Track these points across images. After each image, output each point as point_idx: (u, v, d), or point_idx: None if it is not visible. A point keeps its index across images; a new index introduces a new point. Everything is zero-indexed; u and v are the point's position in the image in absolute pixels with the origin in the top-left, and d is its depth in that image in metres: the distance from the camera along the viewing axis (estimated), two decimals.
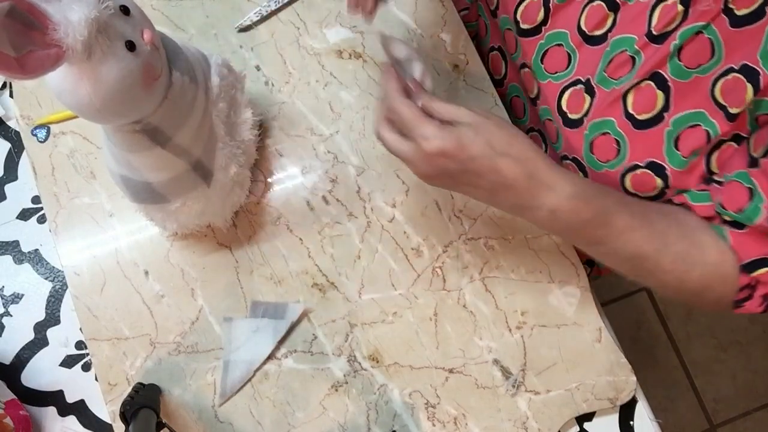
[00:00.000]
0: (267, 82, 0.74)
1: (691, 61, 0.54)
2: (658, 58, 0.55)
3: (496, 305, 0.68)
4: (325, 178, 0.71)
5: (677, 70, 0.55)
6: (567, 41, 0.63)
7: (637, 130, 0.57)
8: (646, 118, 0.57)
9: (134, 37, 0.44)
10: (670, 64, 0.55)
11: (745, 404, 1.60)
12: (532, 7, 0.65)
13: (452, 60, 0.74)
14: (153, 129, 0.51)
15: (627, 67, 0.58)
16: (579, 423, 0.66)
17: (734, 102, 0.52)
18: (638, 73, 0.56)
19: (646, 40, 0.56)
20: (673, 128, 0.56)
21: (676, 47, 0.54)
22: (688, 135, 0.55)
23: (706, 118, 0.54)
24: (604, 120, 0.59)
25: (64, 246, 0.70)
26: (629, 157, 0.58)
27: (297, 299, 0.68)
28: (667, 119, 0.56)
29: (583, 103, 0.61)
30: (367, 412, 0.66)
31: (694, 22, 0.53)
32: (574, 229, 0.54)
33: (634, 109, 0.57)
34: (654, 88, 0.56)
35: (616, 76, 0.58)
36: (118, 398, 0.66)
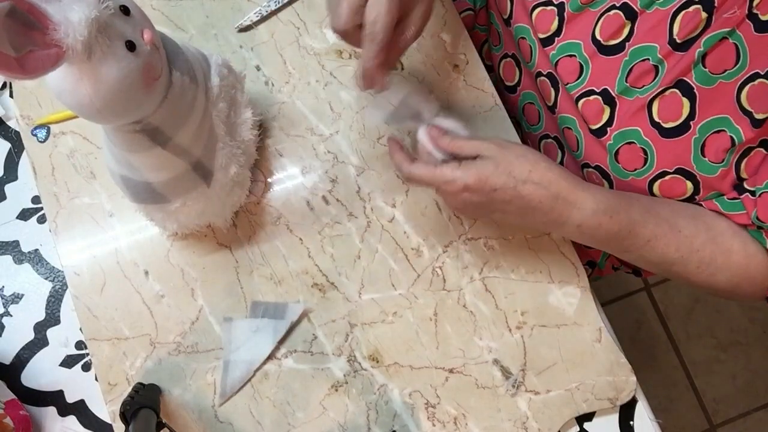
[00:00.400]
0: (267, 82, 0.74)
1: (716, 66, 0.54)
2: (682, 66, 0.55)
3: (496, 305, 0.68)
4: (325, 178, 0.71)
5: (702, 77, 0.55)
6: (580, 51, 0.62)
7: (664, 138, 0.57)
8: (672, 126, 0.57)
9: (134, 37, 0.44)
10: (695, 71, 0.55)
11: (745, 404, 1.60)
12: (546, 15, 0.65)
13: (452, 60, 0.74)
14: (153, 129, 0.51)
15: (650, 76, 0.57)
16: (579, 423, 0.66)
17: (761, 107, 0.52)
18: (663, 81, 0.56)
19: (669, 48, 0.56)
20: (700, 135, 0.56)
21: (700, 54, 0.54)
22: (713, 141, 0.55)
23: (730, 123, 0.54)
24: (629, 130, 0.59)
25: (64, 246, 0.70)
26: (657, 165, 0.59)
27: (297, 299, 0.68)
28: (694, 127, 0.56)
29: (602, 113, 0.61)
30: (367, 412, 0.66)
31: (719, 28, 0.53)
32: (601, 241, 0.57)
33: (660, 117, 0.57)
34: (679, 95, 0.56)
35: (640, 85, 0.58)
36: (118, 398, 0.66)
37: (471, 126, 0.72)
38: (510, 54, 0.76)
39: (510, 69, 0.77)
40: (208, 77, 0.57)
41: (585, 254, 0.83)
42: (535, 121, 0.75)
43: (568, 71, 0.64)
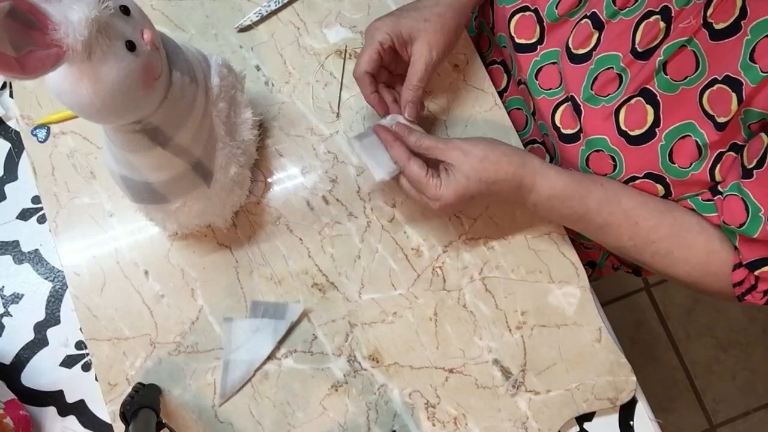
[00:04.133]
0: (267, 82, 0.74)
1: (677, 73, 0.56)
2: (645, 74, 0.57)
3: (496, 305, 0.68)
4: (325, 178, 0.71)
5: (665, 84, 0.56)
6: (559, 59, 0.65)
7: (631, 146, 0.59)
8: (638, 133, 0.59)
9: (134, 37, 0.44)
10: (657, 79, 0.57)
11: (745, 404, 1.60)
12: (524, 22, 0.67)
13: (452, 60, 0.74)
14: (153, 129, 0.51)
15: (615, 84, 0.60)
16: (579, 423, 0.66)
17: (721, 111, 0.53)
18: (627, 89, 0.58)
19: (631, 57, 0.58)
20: (666, 142, 0.58)
21: (661, 63, 0.56)
22: (680, 147, 0.57)
23: (695, 128, 0.56)
24: (597, 138, 0.61)
25: (64, 246, 0.70)
26: (626, 170, 0.60)
27: (297, 299, 0.68)
28: (660, 134, 0.58)
29: (575, 120, 0.63)
30: (367, 412, 0.66)
31: (677, 37, 0.55)
32: (555, 219, 0.65)
33: (627, 126, 0.59)
34: (644, 103, 0.58)
35: (605, 94, 0.60)
36: (118, 398, 0.66)
37: (470, 125, 0.72)
38: (498, 60, 0.77)
39: (498, 75, 0.78)
40: (208, 77, 0.57)
41: (585, 254, 0.83)
42: (521, 127, 0.76)
43: (550, 77, 0.66)
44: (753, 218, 0.53)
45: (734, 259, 0.57)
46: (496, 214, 0.70)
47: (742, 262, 0.56)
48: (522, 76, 0.69)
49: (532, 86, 0.68)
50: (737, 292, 0.57)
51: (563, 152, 0.66)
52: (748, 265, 0.55)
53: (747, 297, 0.57)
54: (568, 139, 0.64)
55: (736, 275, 0.57)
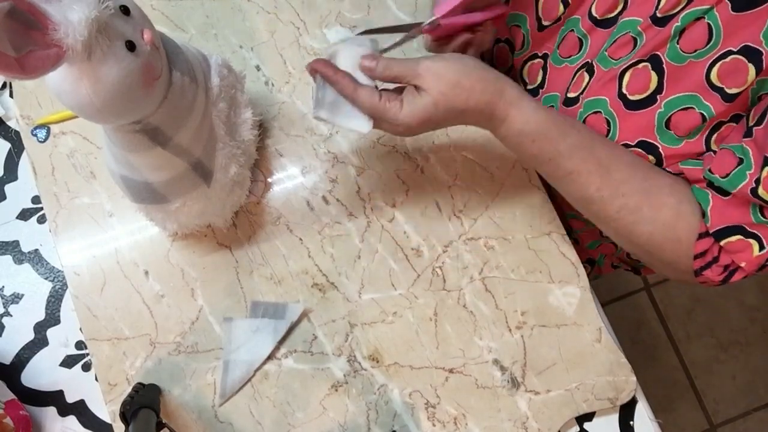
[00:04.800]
0: (267, 82, 0.74)
1: (688, 45, 0.54)
2: (658, 40, 0.56)
3: (496, 305, 0.68)
4: (325, 178, 0.71)
5: (674, 54, 0.55)
6: (578, 27, 0.64)
7: (627, 110, 0.58)
8: (638, 98, 0.58)
9: (134, 37, 0.44)
10: (669, 47, 0.55)
11: (745, 404, 1.60)
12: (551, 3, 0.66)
13: None
14: (153, 129, 0.51)
15: (628, 48, 0.58)
16: (579, 423, 0.66)
17: (734, 83, 0.52)
18: (638, 53, 0.57)
19: (649, 22, 0.57)
20: (665, 110, 0.56)
21: (677, 30, 0.54)
22: (680, 117, 0.56)
23: (700, 101, 0.54)
24: (597, 99, 0.60)
25: (64, 246, 0.70)
26: (619, 136, 0.59)
27: (297, 299, 0.68)
28: (660, 101, 0.56)
29: (582, 82, 0.62)
30: (367, 412, 0.66)
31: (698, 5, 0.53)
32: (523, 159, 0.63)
33: (628, 90, 0.58)
34: (650, 69, 0.57)
35: (617, 57, 0.59)
36: (118, 398, 0.66)
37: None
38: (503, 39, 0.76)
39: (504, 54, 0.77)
40: (208, 77, 0.57)
41: (583, 252, 0.83)
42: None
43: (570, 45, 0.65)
44: (739, 173, 0.52)
45: (700, 227, 0.55)
46: (496, 214, 0.70)
47: (708, 231, 0.54)
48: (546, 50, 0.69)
49: (554, 57, 0.67)
50: (696, 265, 0.55)
51: None
52: (715, 234, 0.53)
53: (705, 272, 0.55)
54: (569, 103, 0.63)
55: (699, 245, 0.55)
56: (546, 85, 0.69)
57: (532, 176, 0.71)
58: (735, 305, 1.65)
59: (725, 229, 0.53)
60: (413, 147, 0.72)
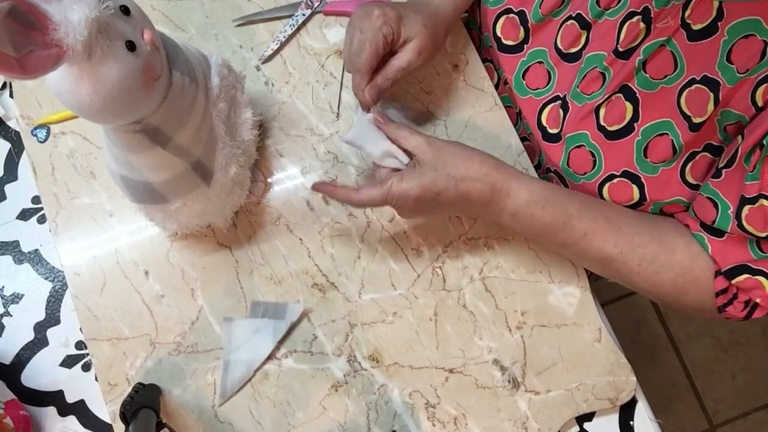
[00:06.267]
0: (267, 82, 0.74)
1: (657, 72, 0.56)
2: (625, 73, 0.57)
3: (496, 305, 0.68)
4: (325, 178, 0.71)
5: (644, 82, 0.57)
6: (546, 59, 0.65)
7: (609, 141, 0.59)
8: (617, 128, 0.59)
9: (134, 37, 0.44)
10: (637, 77, 0.57)
11: (745, 404, 1.60)
12: (510, 24, 0.67)
13: (452, 60, 0.74)
14: (153, 129, 0.51)
15: (598, 83, 0.60)
16: (579, 423, 0.66)
17: (698, 112, 0.54)
18: (608, 87, 0.59)
19: (613, 56, 0.58)
20: (642, 138, 0.58)
21: (640, 62, 0.56)
22: (656, 144, 0.57)
23: (672, 127, 0.56)
24: (578, 134, 0.61)
25: (64, 246, 0.70)
26: (605, 167, 0.60)
27: (297, 299, 0.68)
28: (637, 129, 0.58)
29: (559, 118, 0.63)
30: (367, 412, 0.66)
31: (656, 37, 0.55)
32: (537, 232, 0.59)
33: (606, 122, 0.59)
34: (623, 100, 0.58)
35: (589, 92, 0.61)
36: (118, 398, 0.66)
37: (470, 125, 0.72)
38: (489, 59, 0.77)
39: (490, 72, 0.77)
40: (208, 77, 0.57)
41: None
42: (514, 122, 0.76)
43: (538, 77, 0.66)
44: (722, 215, 0.53)
45: (714, 265, 0.55)
46: None
47: (721, 269, 0.55)
48: (507, 77, 0.70)
49: (518, 87, 0.68)
50: (719, 303, 0.56)
51: (547, 151, 0.66)
52: (725, 273, 0.54)
53: (728, 308, 0.55)
54: (551, 139, 0.64)
55: (717, 283, 0.55)
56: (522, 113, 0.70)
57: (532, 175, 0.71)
58: None
59: (732, 270, 0.54)
60: None
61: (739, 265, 0.54)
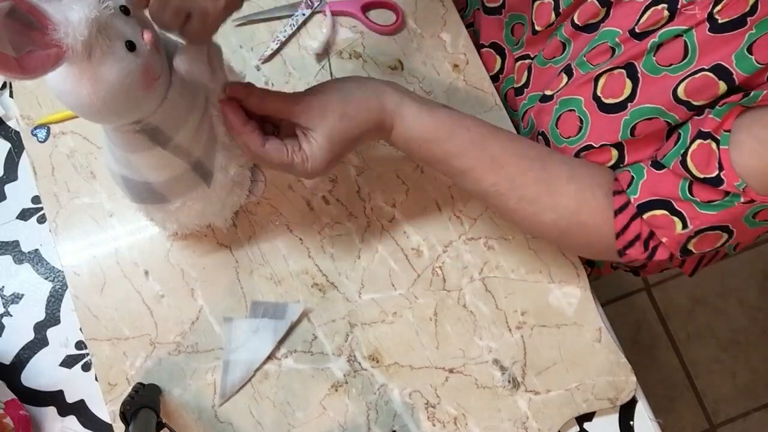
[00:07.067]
0: (267, 82, 0.74)
1: (665, 59, 0.56)
2: (635, 52, 0.57)
3: (496, 305, 0.68)
4: (325, 178, 0.71)
5: (650, 65, 0.57)
6: (561, 32, 0.66)
7: (600, 112, 0.60)
8: (611, 102, 0.59)
9: (134, 38, 0.44)
10: (645, 58, 0.57)
11: (745, 404, 1.60)
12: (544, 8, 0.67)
13: (452, 60, 0.74)
14: (153, 129, 0.51)
15: (606, 56, 0.60)
16: (579, 423, 0.66)
17: (701, 97, 0.53)
18: (614, 61, 0.59)
19: (627, 35, 0.58)
20: (630, 118, 0.58)
21: (654, 44, 0.56)
22: (645, 125, 0.57)
23: (665, 113, 0.56)
24: (572, 98, 0.62)
25: (64, 246, 0.70)
26: (588, 136, 0.61)
27: (297, 299, 0.68)
28: (629, 108, 0.58)
29: (560, 82, 0.64)
30: (367, 412, 0.66)
31: (677, 25, 0.55)
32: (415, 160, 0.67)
33: (603, 93, 0.60)
34: (625, 77, 0.58)
35: (594, 62, 0.61)
36: (118, 398, 0.66)
37: None
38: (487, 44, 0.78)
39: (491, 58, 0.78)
40: None
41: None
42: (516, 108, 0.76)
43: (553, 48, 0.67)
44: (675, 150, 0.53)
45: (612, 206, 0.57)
46: (496, 214, 0.70)
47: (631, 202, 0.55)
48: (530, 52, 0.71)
49: (538, 59, 0.70)
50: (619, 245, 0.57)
51: (539, 112, 0.67)
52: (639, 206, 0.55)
53: (629, 250, 0.57)
54: (546, 99, 0.65)
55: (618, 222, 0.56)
56: (530, 84, 0.71)
57: None
58: (735, 305, 1.65)
59: (651, 202, 0.54)
60: None
61: (659, 200, 0.54)
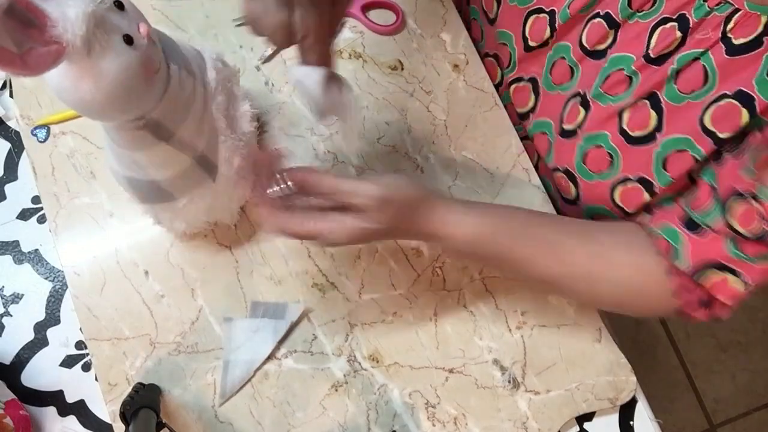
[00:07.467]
0: (267, 82, 0.74)
1: (686, 86, 0.55)
2: (655, 80, 0.56)
3: (496, 305, 0.68)
4: None
5: (672, 94, 0.56)
6: (570, 54, 0.64)
7: (629, 145, 0.59)
8: (639, 135, 0.58)
9: (131, 31, 0.45)
10: (666, 87, 0.56)
11: (745, 404, 1.60)
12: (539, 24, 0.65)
13: (452, 60, 0.74)
14: (155, 124, 0.51)
15: (624, 86, 0.59)
16: (579, 423, 0.66)
17: (726, 128, 0.52)
18: (635, 92, 0.58)
19: (643, 61, 0.57)
20: (662, 149, 0.57)
21: (673, 71, 0.55)
22: (676, 158, 0.56)
23: (692, 144, 0.55)
24: (598, 134, 0.60)
25: (64, 246, 0.70)
26: (622, 169, 0.60)
27: (297, 299, 0.68)
28: (659, 140, 0.57)
29: (578, 114, 0.62)
30: (367, 412, 0.66)
31: (692, 48, 0.54)
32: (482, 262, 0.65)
33: (629, 126, 0.58)
34: (649, 108, 0.57)
35: (613, 93, 0.59)
36: (118, 398, 0.66)
37: (470, 125, 0.72)
38: (491, 54, 0.76)
39: (492, 68, 0.77)
40: (204, 71, 0.57)
41: None
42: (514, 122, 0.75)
43: (563, 73, 0.65)
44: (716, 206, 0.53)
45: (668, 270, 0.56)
46: None
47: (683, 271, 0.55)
48: (534, 74, 0.69)
49: (545, 82, 0.67)
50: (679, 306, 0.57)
51: (560, 147, 0.65)
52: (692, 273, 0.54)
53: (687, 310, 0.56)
54: (567, 135, 0.63)
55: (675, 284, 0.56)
56: (537, 109, 0.69)
57: (532, 176, 0.71)
58: None
59: (701, 267, 0.54)
60: (413, 147, 0.72)
61: (709, 263, 0.54)
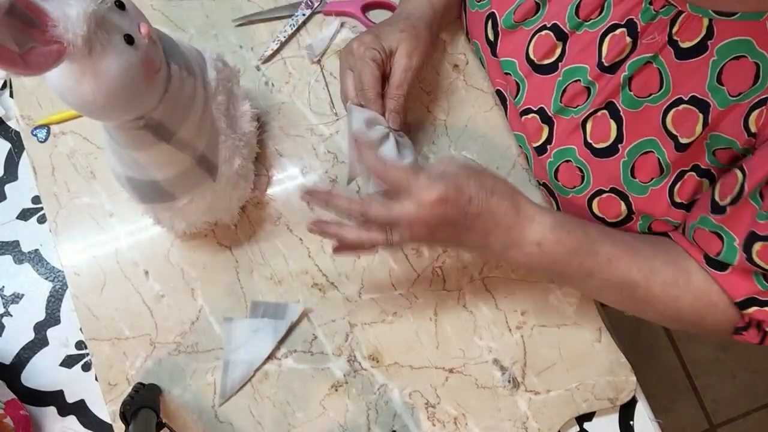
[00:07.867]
0: (267, 82, 0.74)
1: (642, 90, 0.55)
2: (610, 89, 0.56)
3: (496, 305, 0.68)
4: (325, 178, 0.71)
5: (629, 100, 0.56)
6: (515, 70, 0.64)
7: (596, 158, 0.58)
8: (603, 147, 0.58)
9: (132, 31, 0.45)
10: (622, 94, 0.56)
11: (745, 404, 1.60)
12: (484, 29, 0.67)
13: (452, 60, 0.74)
14: (156, 124, 0.51)
15: (583, 97, 0.59)
16: (579, 423, 0.66)
17: (685, 132, 0.53)
18: (594, 102, 0.58)
19: (598, 70, 0.57)
20: (628, 158, 0.57)
21: (626, 78, 0.55)
22: (642, 162, 0.56)
23: (657, 145, 0.55)
24: (565, 148, 0.60)
25: (64, 246, 0.70)
26: (593, 183, 0.59)
27: (297, 299, 0.68)
28: (622, 151, 0.57)
29: (541, 131, 0.62)
30: (367, 412, 0.66)
31: (643, 53, 0.54)
32: (561, 260, 0.55)
33: (592, 138, 0.58)
34: (608, 117, 0.57)
35: (574, 105, 0.59)
36: (118, 398, 0.66)
37: (470, 125, 0.72)
38: None
39: None
40: (205, 71, 0.57)
41: None
42: None
43: (510, 87, 0.65)
44: (728, 248, 0.52)
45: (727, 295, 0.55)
46: None
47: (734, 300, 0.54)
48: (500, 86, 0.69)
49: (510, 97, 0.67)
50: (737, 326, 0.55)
51: (537, 163, 0.65)
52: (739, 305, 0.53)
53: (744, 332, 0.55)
54: (538, 151, 0.63)
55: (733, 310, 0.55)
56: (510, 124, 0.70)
57: (532, 176, 0.71)
58: None
59: (744, 301, 0.53)
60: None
61: (746, 299, 0.53)
